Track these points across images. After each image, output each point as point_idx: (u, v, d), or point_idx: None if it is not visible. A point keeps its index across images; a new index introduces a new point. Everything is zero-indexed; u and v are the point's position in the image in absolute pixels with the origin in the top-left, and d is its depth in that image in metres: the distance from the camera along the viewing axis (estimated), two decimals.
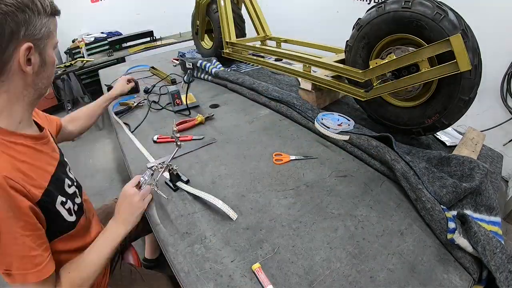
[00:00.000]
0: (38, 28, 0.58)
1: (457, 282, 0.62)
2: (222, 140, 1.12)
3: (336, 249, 0.68)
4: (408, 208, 0.80)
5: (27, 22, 0.56)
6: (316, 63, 1.21)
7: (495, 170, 0.98)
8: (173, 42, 3.30)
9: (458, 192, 0.75)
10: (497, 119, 1.98)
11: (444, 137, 1.12)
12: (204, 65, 1.72)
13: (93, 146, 2.81)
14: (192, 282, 0.61)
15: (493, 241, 0.64)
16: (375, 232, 0.72)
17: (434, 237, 0.71)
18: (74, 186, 0.75)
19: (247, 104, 1.42)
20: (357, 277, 0.62)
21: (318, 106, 1.28)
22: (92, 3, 3.56)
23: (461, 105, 0.87)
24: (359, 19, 1.01)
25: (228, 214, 0.75)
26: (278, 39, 1.76)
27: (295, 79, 1.58)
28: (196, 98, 1.43)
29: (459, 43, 0.77)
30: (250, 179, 0.90)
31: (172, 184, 0.88)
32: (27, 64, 0.58)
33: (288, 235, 0.72)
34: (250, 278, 0.62)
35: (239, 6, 1.90)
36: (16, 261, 0.54)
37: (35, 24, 0.57)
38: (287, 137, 1.12)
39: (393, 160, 0.86)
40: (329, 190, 0.85)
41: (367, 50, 1.02)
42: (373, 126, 1.13)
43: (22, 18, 0.55)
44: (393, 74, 0.95)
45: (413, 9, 0.84)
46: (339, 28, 1.77)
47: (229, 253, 0.67)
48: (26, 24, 0.56)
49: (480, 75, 0.84)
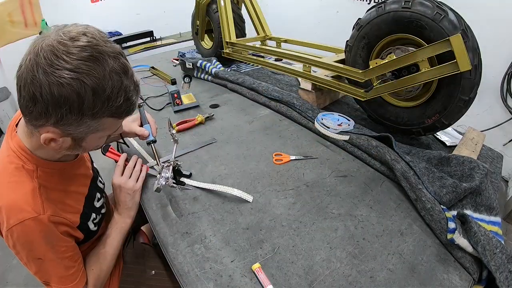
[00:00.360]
0: (74, 125, 0.51)
1: (457, 282, 0.62)
2: (222, 140, 1.12)
3: (336, 249, 0.68)
4: (408, 208, 0.80)
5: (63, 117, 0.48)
6: (316, 63, 1.21)
7: (495, 170, 0.98)
8: (173, 42, 3.29)
9: (458, 192, 0.75)
10: (497, 119, 1.98)
11: (444, 137, 1.12)
12: (204, 65, 1.72)
13: None
14: (192, 282, 0.61)
15: (493, 241, 0.64)
16: (375, 232, 0.72)
17: (434, 237, 0.71)
18: (102, 197, 0.81)
19: (247, 104, 1.42)
20: (357, 277, 0.62)
21: (318, 106, 1.28)
22: (92, 3, 3.56)
23: (461, 105, 0.87)
24: (359, 19, 1.01)
25: (245, 198, 0.81)
26: (278, 39, 1.75)
27: (295, 79, 1.58)
28: (196, 98, 1.43)
29: (459, 43, 0.77)
30: (250, 179, 0.90)
31: (176, 180, 0.87)
32: (47, 143, 0.53)
33: (288, 235, 0.72)
34: (250, 278, 0.62)
35: (239, 6, 1.90)
36: (55, 278, 0.61)
37: (70, 123, 0.50)
38: (287, 137, 1.12)
39: (393, 160, 0.86)
40: (329, 190, 0.85)
41: (367, 50, 1.02)
42: (373, 126, 1.13)
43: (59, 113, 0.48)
44: (393, 74, 0.95)
45: (413, 9, 0.84)
46: (339, 28, 1.77)
47: (229, 253, 0.67)
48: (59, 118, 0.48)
49: (480, 75, 0.84)
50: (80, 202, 0.70)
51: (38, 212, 0.56)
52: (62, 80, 0.45)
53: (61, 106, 0.46)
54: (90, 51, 0.47)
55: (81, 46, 0.46)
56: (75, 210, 0.67)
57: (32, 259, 0.59)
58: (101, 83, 0.48)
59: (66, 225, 0.62)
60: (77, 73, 0.45)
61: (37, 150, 0.59)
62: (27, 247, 0.57)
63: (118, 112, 0.53)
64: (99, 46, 0.48)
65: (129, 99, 0.53)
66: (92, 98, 0.48)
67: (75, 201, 0.68)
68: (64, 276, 0.62)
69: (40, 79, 0.45)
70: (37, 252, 0.58)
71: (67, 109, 0.47)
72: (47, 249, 0.58)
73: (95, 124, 0.52)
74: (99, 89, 0.48)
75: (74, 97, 0.46)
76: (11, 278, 1.54)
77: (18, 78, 0.47)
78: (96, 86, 0.47)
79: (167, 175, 0.80)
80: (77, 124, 0.50)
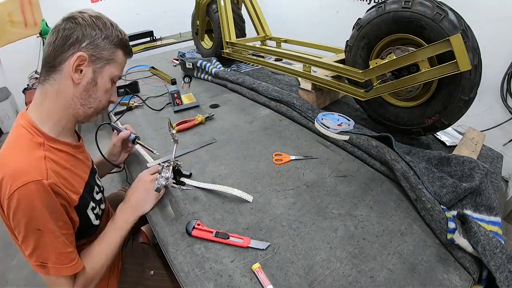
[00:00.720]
0: (101, 48, 0.67)
1: (457, 282, 0.62)
2: (222, 140, 1.12)
3: (336, 249, 0.68)
4: (408, 208, 0.80)
5: (93, 38, 0.65)
6: (316, 63, 1.21)
7: (495, 170, 0.98)
8: (173, 42, 3.29)
9: (458, 192, 0.75)
10: (497, 119, 1.98)
11: (444, 137, 1.12)
12: (204, 65, 1.72)
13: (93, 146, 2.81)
14: (192, 282, 0.61)
15: (493, 241, 0.64)
16: (375, 232, 0.72)
17: (434, 237, 0.71)
18: (100, 192, 0.82)
19: (247, 104, 1.42)
20: (357, 277, 0.62)
21: (318, 106, 1.28)
22: (92, 3, 3.56)
23: (461, 105, 0.87)
24: (359, 19, 1.01)
25: (246, 199, 0.81)
26: (278, 39, 1.75)
27: (295, 79, 1.58)
28: (196, 98, 1.43)
29: (459, 43, 0.77)
30: (250, 179, 0.90)
31: (176, 180, 0.87)
32: (75, 71, 0.65)
33: (288, 235, 0.72)
34: (250, 278, 0.62)
35: (239, 6, 1.90)
36: (54, 256, 0.60)
37: (99, 44, 0.66)
38: (287, 137, 1.12)
39: (393, 160, 0.86)
40: (329, 190, 0.85)
41: (367, 50, 1.02)
42: (373, 126, 1.13)
43: (89, 33, 0.65)
44: (393, 74, 0.95)
45: (413, 9, 0.84)
46: (339, 28, 1.78)
47: (229, 253, 0.67)
48: (91, 39, 0.65)
49: (480, 75, 0.84)
50: (80, 185, 0.71)
51: (42, 176, 0.57)
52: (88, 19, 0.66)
53: (95, 28, 0.65)
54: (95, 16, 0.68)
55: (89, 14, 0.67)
56: (75, 190, 0.68)
57: (32, 229, 0.57)
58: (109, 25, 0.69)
59: (65, 200, 0.63)
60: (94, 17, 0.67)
61: (46, 123, 0.66)
62: (28, 214, 0.56)
63: (121, 43, 0.71)
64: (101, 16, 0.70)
65: (123, 37, 0.71)
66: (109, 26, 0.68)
67: (77, 182, 0.69)
68: (63, 253, 0.61)
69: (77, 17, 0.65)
70: (38, 221, 0.57)
71: (99, 31, 0.66)
72: (48, 218, 0.58)
73: (111, 52, 0.69)
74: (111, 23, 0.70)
75: (100, 24, 0.66)
76: (11, 278, 1.54)
77: (52, 32, 0.65)
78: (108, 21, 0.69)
79: (167, 175, 0.80)
80: (102, 45, 0.67)
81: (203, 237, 0.70)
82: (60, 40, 0.63)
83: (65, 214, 0.63)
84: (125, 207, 0.79)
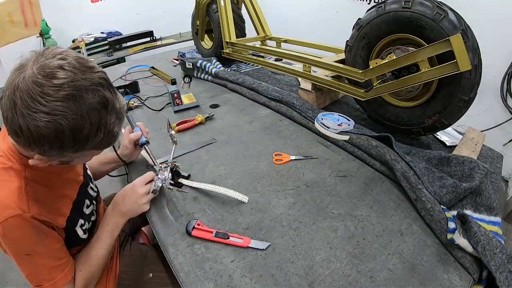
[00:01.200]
0: (57, 156, 0.54)
1: (457, 282, 0.62)
2: (222, 140, 1.12)
3: (336, 249, 0.68)
4: (408, 208, 0.80)
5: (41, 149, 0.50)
6: (316, 63, 1.21)
7: (495, 170, 0.98)
8: (173, 42, 3.29)
9: (458, 192, 0.75)
10: (497, 119, 1.98)
11: (444, 137, 1.12)
12: (204, 65, 1.72)
13: None
14: (192, 282, 0.61)
15: (493, 241, 0.64)
16: (375, 232, 0.72)
17: (434, 237, 0.71)
18: (92, 204, 0.80)
19: (247, 104, 1.42)
20: (357, 277, 0.62)
21: (318, 106, 1.28)
22: (92, 3, 3.56)
23: (461, 105, 0.87)
24: (359, 19, 1.01)
25: (241, 199, 0.80)
26: (278, 39, 1.75)
27: (295, 79, 1.58)
28: (196, 98, 1.43)
29: (459, 43, 0.77)
30: (250, 179, 0.90)
31: (174, 182, 0.87)
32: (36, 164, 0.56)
33: (288, 235, 0.72)
34: (250, 278, 0.62)
35: (239, 6, 1.90)
36: (47, 273, 0.61)
37: (53, 154, 0.52)
38: (287, 137, 1.12)
39: (393, 160, 0.86)
40: (329, 190, 0.85)
41: (367, 50, 1.02)
42: (373, 126, 1.13)
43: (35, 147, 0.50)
44: (393, 74, 0.95)
45: (413, 9, 0.84)
46: (339, 28, 1.77)
47: (229, 253, 0.67)
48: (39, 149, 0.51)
49: (480, 75, 0.84)
50: (67, 206, 0.69)
51: (23, 210, 0.56)
52: (39, 123, 0.46)
53: (42, 143, 0.48)
54: (67, 90, 0.47)
55: (57, 84, 0.46)
56: (62, 213, 0.66)
57: (21, 256, 0.58)
58: (79, 123, 0.48)
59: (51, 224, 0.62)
60: (53, 115, 0.46)
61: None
62: (13, 244, 0.57)
63: (100, 146, 0.56)
64: (77, 81, 0.48)
65: (110, 132, 0.55)
66: (71, 137, 0.49)
67: (62, 204, 0.68)
68: (54, 267, 0.62)
69: (18, 119, 0.46)
70: (25, 247, 0.58)
71: (48, 146, 0.49)
72: (35, 242, 0.58)
73: (78, 154, 0.55)
74: (76, 129, 0.49)
75: (53, 137, 0.48)
76: (11, 278, 1.54)
77: (1, 110, 0.48)
78: (74, 126, 0.48)
79: (163, 176, 0.80)
80: (60, 155, 0.53)
81: (203, 237, 0.70)
82: (8, 129, 0.49)
83: (53, 232, 0.63)
84: (115, 211, 0.77)
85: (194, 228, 0.72)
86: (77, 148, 0.52)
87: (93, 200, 0.82)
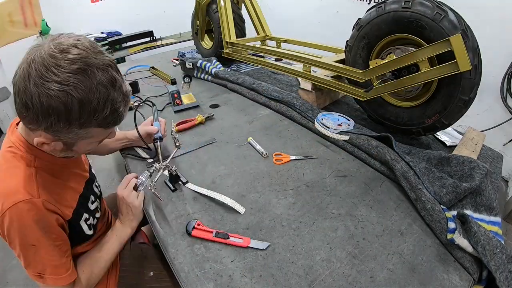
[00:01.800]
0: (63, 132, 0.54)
1: (457, 282, 0.62)
2: (222, 140, 1.12)
3: (336, 249, 0.68)
4: (408, 208, 0.80)
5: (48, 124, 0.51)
6: (316, 63, 1.21)
7: (495, 170, 0.98)
8: (173, 42, 3.29)
9: (458, 192, 0.75)
10: (497, 119, 1.97)
11: (444, 137, 1.12)
12: (204, 65, 1.72)
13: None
14: (192, 282, 0.61)
15: (493, 241, 0.64)
16: (375, 232, 0.72)
17: (434, 237, 0.71)
18: (96, 201, 0.81)
19: (247, 104, 1.42)
20: (357, 277, 0.62)
21: (318, 106, 1.28)
22: (92, 3, 3.56)
23: (461, 105, 0.87)
24: (359, 19, 1.01)
25: (237, 210, 0.78)
26: (278, 39, 1.75)
27: (295, 79, 1.58)
28: (196, 98, 1.43)
29: (459, 43, 0.77)
30: (250, 179, 0.90)
31: (171, 185, 0.88)
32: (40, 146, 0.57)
33: (288, 235, 0.72)
34: (250, 278, 0.62)
35: (239, 6, 1.90)
36: (50, 267, 0.61)
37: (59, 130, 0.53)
38: (287, 137, 1.12)
39: (393, 160, 0.86)
40: (329, 190, 0.85)
41: (367, 50, 1.02)
42: (373, 126, 1.13)
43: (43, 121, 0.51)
44: (393, 74, 0.95)
45: (413, 9, 0.84)
46: (339, 28, 1.77)
47: (229, 253, 0.67)
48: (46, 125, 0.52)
49: (480, 75, 0.84)
50: (74, 198, 0.70)
51: (32, 195, 0.57)
52: (50, 92, 0.48)
53: (50, 115, 0.50)
54: (79, 64, 0.49)
55: (71, 59, 0.49)
56: (69, 204, 0.67)
57: (26, 246, 0.58)
58: (88, 96, 0.50)
59: (58, 215, 0.62)
60: (64, 85, 0.48)
61: None
62: (20, 233, 0.57)
63: (105, 123, 0.56)
64: (88, 58, 0.51)
65: (116, 110, 0.56)
66: (78, 109, 0.50)
67: (69, 195, 0.68)
68: (58, 265, 0.62)
69: (31, 89, 0.48)
70: (31, 238, 0.58)
71: (55, 118, 0.50)
72: (41, 234, 0.58)
73: (83, 132, 0.56)
74: (85, 101, 0.50)
75: (62, 108, 0.49)
76: (11, 278, 1.54)
77: (14, 85, 0.51)
78: (83, 98, 0.50)
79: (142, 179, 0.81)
80: (66, 131, 0.54)
81: (203, 237, 0.71)
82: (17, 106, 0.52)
83: (58, 227, 0.63)
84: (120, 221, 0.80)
85: (194, 228, 0.72)
86: (83, 122, 0.53)
87: (98, 198, 0.83)
